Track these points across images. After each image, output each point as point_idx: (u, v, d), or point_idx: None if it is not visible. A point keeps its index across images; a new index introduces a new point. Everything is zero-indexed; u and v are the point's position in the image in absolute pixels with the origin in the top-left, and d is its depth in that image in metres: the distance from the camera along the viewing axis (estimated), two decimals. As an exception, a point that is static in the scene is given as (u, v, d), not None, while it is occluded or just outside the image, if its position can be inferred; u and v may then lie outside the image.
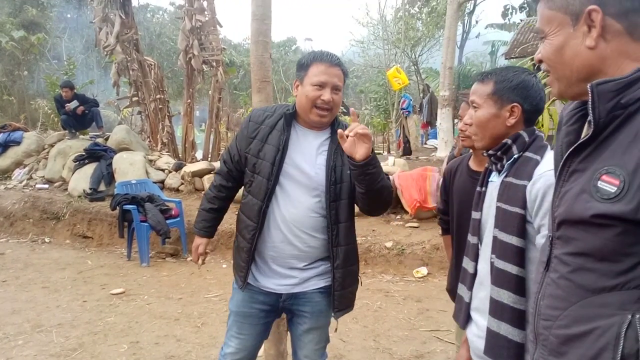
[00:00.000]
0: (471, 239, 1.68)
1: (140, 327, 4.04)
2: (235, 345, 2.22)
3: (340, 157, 2.04)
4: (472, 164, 2.16)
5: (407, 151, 11.75)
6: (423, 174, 6.43)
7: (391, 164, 7.64)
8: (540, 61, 1.11)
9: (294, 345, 2.30)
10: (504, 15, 21.91)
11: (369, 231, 5.87)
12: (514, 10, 21.45)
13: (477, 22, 23.35)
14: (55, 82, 14.19)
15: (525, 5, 20.72)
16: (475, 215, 1.67)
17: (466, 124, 1.64)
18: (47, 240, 7.03)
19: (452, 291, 2.26)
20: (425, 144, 14.97)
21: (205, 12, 10.30)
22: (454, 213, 2.22)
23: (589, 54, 1.01)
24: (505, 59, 13.79)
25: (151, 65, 10.85)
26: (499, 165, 1.60)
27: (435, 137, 13.68)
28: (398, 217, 6.36)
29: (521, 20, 18.40)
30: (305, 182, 2.05)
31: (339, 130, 1.89)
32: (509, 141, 1.56)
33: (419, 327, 4.03)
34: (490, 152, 1.60)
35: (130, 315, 4.30)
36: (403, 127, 12.32)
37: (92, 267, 5.80)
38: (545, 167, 1.45)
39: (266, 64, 2.99)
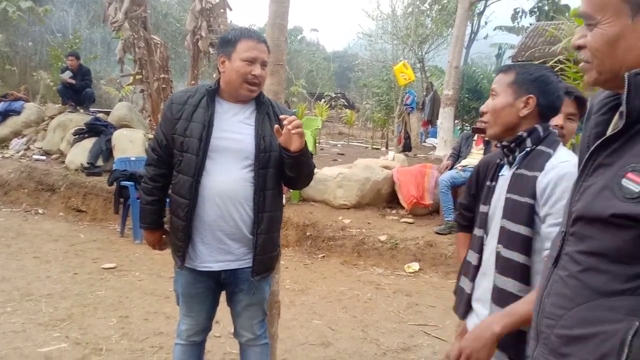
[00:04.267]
0: (477, 231, 1.71)
1: (131, 303, 4.04)
2: (188, 322, 2.33)
3: (269, 126, 2.13)
4: None
5: (407, 147, 11.74)
6: (422, 170, 6.43)
7: (391, 159, 7.63)
8: (580, 47, 1.00)
9: (233, 320, 2.38)
10: (514, 18, 21.88)
11: (364, 224, 5.88)
12: (524, 14, 21.42)
13: (486, 23, 23.27)
14: (59, 55, 14.12)
15: (536, 10, 20.67)
16: (483, 208, 1.70)
17: (483, 112, 1.65)
18: (40, 211, 7.02)
19: None
20: (425, 142, 14.96)
21: (216, -6, 10.23)
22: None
23: None
24: (512, 62, 13.75)
25: (157, 44, 10.78)
26: (510, 158, 1.61)
27: (434, 136, 13.66)
28: (394, 211, 6.35)
29: (530, 24, 18.36)
30: (235, 153, 2.11)
31: (276, 126, 2.02)
32: (525, 134, 1.57)
33: (407, 320, 4.04)
34: (505, 143, 1.61)
35: (120, 290, 4.30)
36: (405, 123, 12.30)
37: (84, 241, 5.80)
38: (559, 159, 1.48)
39: (281, 47, 2.96)
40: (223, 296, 2.35)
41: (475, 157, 5.86)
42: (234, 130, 2.12)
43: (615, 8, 0.92)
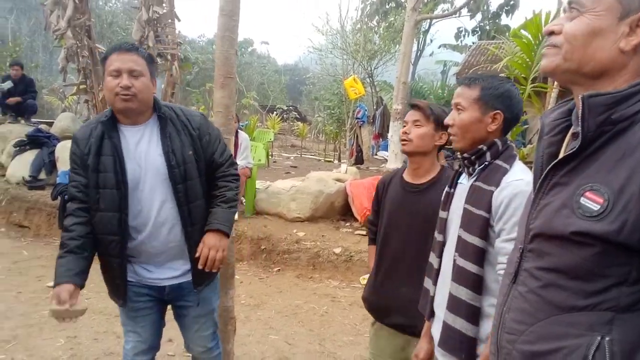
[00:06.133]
0: (437, 236, 1.76)
1: (79, 322, 3.84)
2: (134, 339, 2.24)
3: (178, 138, 2.07)
4: (406, 176, 2.23)
5: (359, 160, 11.91)
6: (374, 183, 6.49)
7: (343, 172, 7.72)
8: (552, 33, 1.00)
9: (183, 334, 2.34)
10: (457, 37, 22.71)
11: (319, 237, 5.90)
12: (466, 33, 22.28)
13: (431, 41, 24.05)
14: (-2, 63, 13.53)
15: (478, 29, 21.55)
16: (442, 214, 1.75)
17: (447, 124, 1.69)
18: (-20, 227, 6.64)
19: (367, 300, 2.34)
20: (376, 155, 15.21)
21: (164, 4, 10.07)
22: (382, 223, 2.28)
23: (616, 55, 0.93)
24: (457, 79, 14.27)
25: (102, 53, 10.50)
26: (470, 169, 1.65)
27: (385, 148, 13.91)
28: (347, 224, 6.42)
29: (473, 43, 19.13)
30: (151, 176, 2.04)
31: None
32: (484, 147, 1.61)
33: (363, 332, 4.08)
34: (465, 155, 1.65)
35: (67, 309, 4.12)
36: (357, 136, 12.49)
37: (28, 258, 5.52)
38: (514, 176, 1.54)
39: (231, 60, 2.96)
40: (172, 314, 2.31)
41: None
42: (143, 153, 2.05)
43: (609, 4, 0.93)
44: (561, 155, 1.00)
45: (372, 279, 2.31)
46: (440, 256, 1.73)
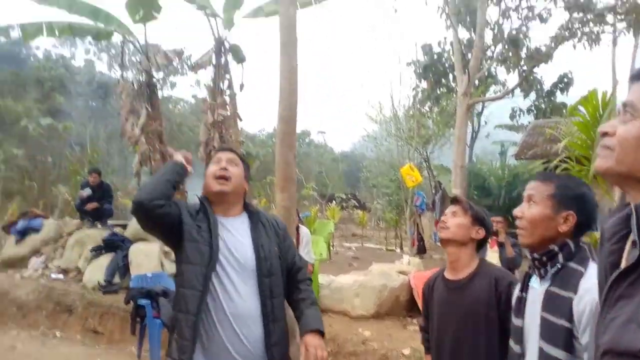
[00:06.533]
0: (514, 346, 1.67)
1: None
2: None
3: (266, 234, 2.17)
4: (448, 274, 2.21)
5: (421, 250, 11.72)
6: (439, 276, 6.37)
7: (406, 263, 7.63)
8: (606, 134, 1.01)
9: None
10: (512, 116, 22.63)
11: (385, 336, 5.73)
12: (521, 112, 22.18)
13: (485, 122, 24.10)
14: (78, 169, 14.68)
15: (533, 108, 21.45)
16: (516, 322, 1.67)
17: (517, 217, 1.67)
18: (58, 334, 6.90)
19: None
20: (438, 242, 14.93)
21: (227, 107, 10.77)
22: (434, 328, 2.22)
23: None
24: (516, 159, 14.09)
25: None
26: (542, 271, 1.60)
27: (448, 234, 13.65)
28: (414, 320, 6.22)
29: (529, 122, 18.99)
30: (238, 266, 2.07)
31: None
32: (556, 248, 1.57)
33: None
34: (536, 256, 1.61)
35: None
36: (417, 225, 12.39)
37: (101, 366, 5.66)
38: (591, 281, 1.46)
39: (291, 163, 3.14)
40: None
41: (491, 259, 5.83)
42: (232, 243, 2.11)
43: None
44: (623, 264, 0.98)
45: None
46: None
